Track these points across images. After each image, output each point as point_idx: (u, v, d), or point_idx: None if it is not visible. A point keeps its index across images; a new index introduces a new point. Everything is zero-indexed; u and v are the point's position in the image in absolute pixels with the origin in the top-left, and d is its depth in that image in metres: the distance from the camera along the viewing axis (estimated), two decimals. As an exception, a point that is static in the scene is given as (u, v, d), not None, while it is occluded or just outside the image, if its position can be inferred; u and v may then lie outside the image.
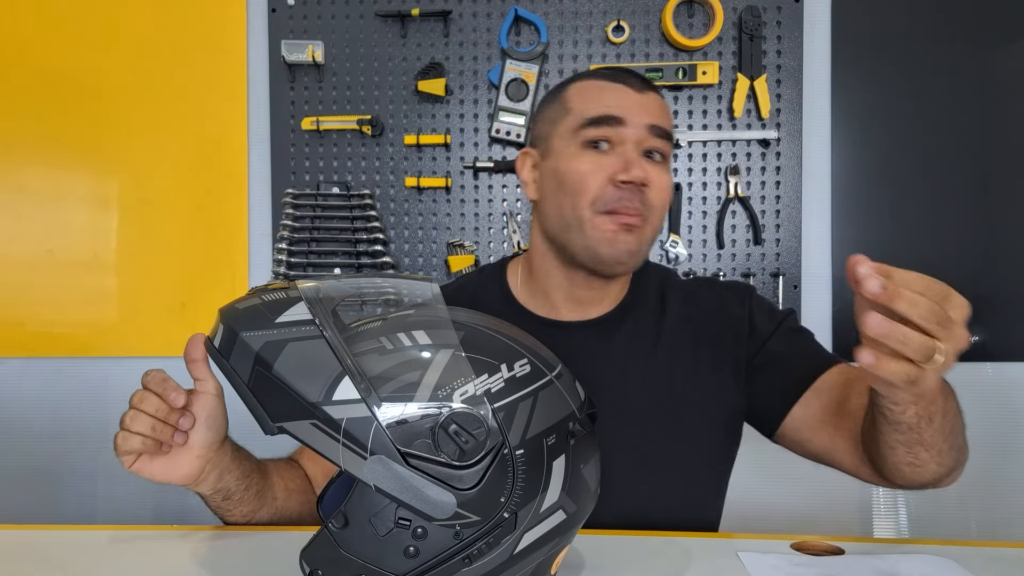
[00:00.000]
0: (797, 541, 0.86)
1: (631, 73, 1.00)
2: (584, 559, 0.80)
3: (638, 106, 0.95)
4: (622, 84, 0.97)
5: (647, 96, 0.97)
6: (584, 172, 0.94)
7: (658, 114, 0.97)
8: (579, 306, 1.03)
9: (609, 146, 0.95)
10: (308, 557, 0.65)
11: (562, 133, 0.98)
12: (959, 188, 1.71)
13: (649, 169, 0.95)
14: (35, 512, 1.81)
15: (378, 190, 1.75)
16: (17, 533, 0.92)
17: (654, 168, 0.96)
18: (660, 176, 0.96)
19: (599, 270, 0.98)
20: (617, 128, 0.94)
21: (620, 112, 0.95)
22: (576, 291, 1.02)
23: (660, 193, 0.96)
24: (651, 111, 0.96)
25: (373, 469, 0.59)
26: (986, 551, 0.86)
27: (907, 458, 0.81)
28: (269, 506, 0.95)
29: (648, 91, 0.98)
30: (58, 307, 1.79)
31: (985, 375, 1.71)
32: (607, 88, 0.97)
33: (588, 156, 0.95)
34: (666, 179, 0.97)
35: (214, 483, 0.87)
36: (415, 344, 0.63)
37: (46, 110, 1.78)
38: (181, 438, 0.83)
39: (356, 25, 1.74)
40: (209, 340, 0.66)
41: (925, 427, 0.77)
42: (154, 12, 1.77)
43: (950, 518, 1.72)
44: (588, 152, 0.95)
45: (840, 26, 1.71)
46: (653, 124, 0.95)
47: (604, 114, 0.95)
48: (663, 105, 0.99)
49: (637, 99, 0.96)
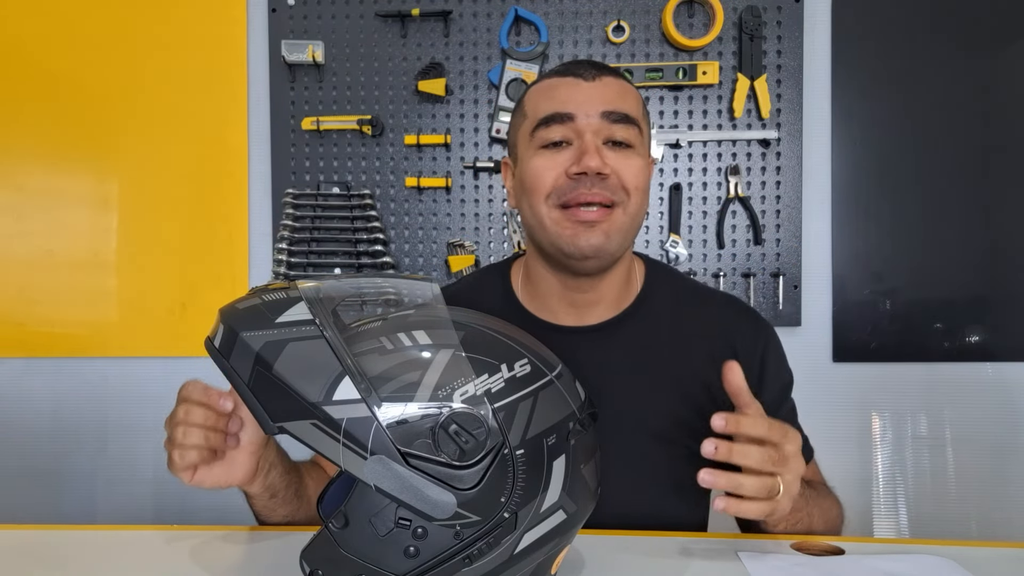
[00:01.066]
0: (797, 541, 0.86)
1: (584, 62, 0.96)
2: (584, 559, 0.80)
3: (589, 96, 0.92)
4: (572, 76, 0.94)
5: (600, 82, 0.93)
6: (539, 169, 0.93)
7: (613, 99, 0.93)
8: (576, 310, 1.01)
9: (567, 144, 0.93)
10: (308, 557, 0.65)
11: (523, 138, 0.97)
12: (959, 188, 1.71)
13: (610, 156, 0.92)
14: (35, 512, 1.81)
15: (378, 190, 1.75)
16: (17, 533, 0.92)
17: (617, 155, 0.93)
18: (625, 160, 0.92)
19: (570, 267, 0.96)
20: (569, 124, 0.92)
21: (569, 107, 0.92)
22: (569, 294, 1.01)
23: (630, 177, 0.92)
24: (605, 97, 0.93)
25: (373, 469, 0.59)
26: (986, 551, 0.86)
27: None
28: (305, 507, 0.96)
29: (603, 76, 0.94)
30: (58, 307, 1.79)
31: (985, 375, 1.71)
32: (557, 84, 0.95)
33: (545, 155, 0.94)
34: (634, 162, 0.93)
35: (263, 480, 0.88)
36: (415, 344, 0.63)
37: (46, 110, 1.78)
38: (234, 441, 0.83)
39: (356, 25, 1.74)
40: (209, 340, 0.66)
41: (801, 528, 0.91)
42: (154, 12, 1.77)
43: (950, 518, 1.72)
44: (545, 151, 0.94)
45: (840, 26, 1.71)
46: (607, 111, 0.92)
47: (552, 112, 0.93)
48: (622, 88, 0.95)
49: (588, 88, 0.93)
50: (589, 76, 0.94)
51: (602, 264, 0.96)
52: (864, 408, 1.74)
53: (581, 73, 0.94)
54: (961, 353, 1.70)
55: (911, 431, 1.74)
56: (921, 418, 1.73)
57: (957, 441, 1.73)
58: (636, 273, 1.06)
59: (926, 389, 1.72)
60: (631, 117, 0.93)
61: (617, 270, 1.01)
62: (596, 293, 1.01)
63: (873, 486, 1.74)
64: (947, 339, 1.70)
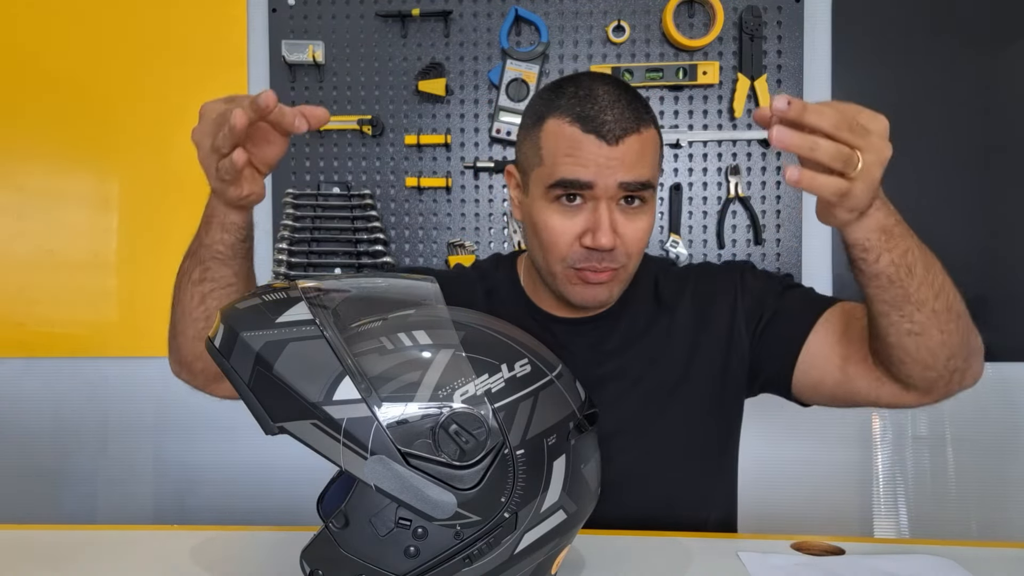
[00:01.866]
0: (797, 541, 0.86)
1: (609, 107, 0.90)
2: (584, 559, 0.80)
3: (610, 164, 0.89)
4: (595, 135, 0.89)
5: (624, 145, 0.90)
6: (554, 230, 0.93)
7: (634, 166, 0.90)
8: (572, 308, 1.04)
9: (581, 200, 0.92)
10: (308, 557, 0.65)
11: (536, 181, 0.95)
12: (959, 188, 1.71)
13: (621, 223, 0.92)
14: (35, 512, 1.81)
15: (378, 190, 1.74)
16: (17, 533, 0.92)
17: (627, 219, 0.93)
18: (633, 226, 0.93)
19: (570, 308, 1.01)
20: (586, 191, 0.91)
21: (589, 176, 0.90)
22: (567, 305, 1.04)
23: (633, 244, 0.94)
24: (626, 164, 0.90)
25: (373, 469, 0.59)
26: (986, 551, 0.86)
27: (905, 325, 0.81)
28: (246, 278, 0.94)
29: (626, 137, 0.90)
30: (58, 307, 1.79)
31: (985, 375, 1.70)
32: (579, 142, 0.90)
33: (558, 212, 0.93)
34: (641, 226, 0.94)
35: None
36: (415, 344, 0.63)
37: (46, 110, 1.78)
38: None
39: (356, 25, 1.74)
40: (210, 340, 0.66)
41: (906, 278, 0.79)
42: (155, 12, 1.77)
43: (950, 518, 1.72)
44: (558, 207, 0.93)
45: (840, 26, 1.71)
46: (625, 182, 0.90)
47: (572, 179, 0.90)
48: (643, 148, 0.91)
49: (610, 154, 0.89)
50: (612, 139, 0.89)
51: (602, 309, 1.02)
52: (864, 408, 1.73)
53: (605, 134, 0.89)
54: (961, 353, 1.70)
55: (911, 431, 1.74)
56: (921, 418, 1.73)
57: (957, 441, 1.73)
58: None
59: (926, 389, 1.72)
60: (647, 183, 0.93)
61: None
62: None
63: (873, 486, 1.74)
64: (947, 339, 1.70)
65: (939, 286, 0.81)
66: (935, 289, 0.81)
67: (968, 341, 0.86)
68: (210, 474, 1.77)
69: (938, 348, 0.83)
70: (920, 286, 0.80)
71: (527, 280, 1.09)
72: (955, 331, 0.83)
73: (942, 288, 0.82)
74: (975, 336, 0.87)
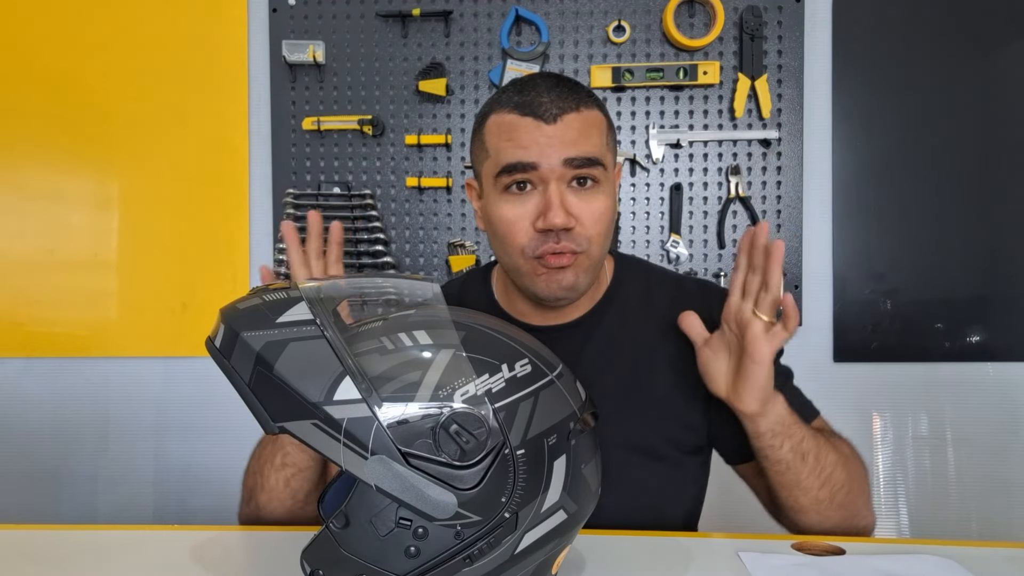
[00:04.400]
0: (798, 541, 0.86)
1: (544, 91, 0.91)
2: (584, 559, 0.80)
3: (551, 142, 0.89)
4: (532, 117, 0.90)
5: (562, 123, 0.90)
6: (508, 221, 0.93)
7: (576, 140, 0.90)
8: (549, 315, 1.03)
9: (531, 186, 0.92)
10: (309, 557, 0.65)
11: (486, 176, 0.96)
12: (960, 188, 1.71)
13: (574, 204, 0.91)
14: (35, 512, 1.81)
15: (379, 190, 1.74)
16: (17, 533, 0.92)
17: (581, 200, 0.92)
18: (588, 207, 0.92)
19: (542, 304, 1.00)
20: (531, 172, 0.90)
21: (531, 156, 0.90)
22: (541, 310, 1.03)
23: (592, 226, 0.92)
24: (567, 141, 0.90)
25: (374, 469, 0.59)
26: (986, 551, 0.86)
27: (790, 503, 0.94)
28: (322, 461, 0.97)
29: (564, 115, 0.90)
30: (58, 307, 1.79)
31: (986, 375, 1.71)
32: (517, 125, 0.91)
33: (509, 201, 0.93)
34: (597, 207, 0.92)
35: None
36: (416, 344, 0.63)
37: (46, 110, 1.78)
38: None
39: (357, 25, 1.74)
40: (210, 340, 0.66)
41: (800, 464, 0.91)
42: (155, 12, 1.77)
43: (950, 518, 1.72)
44: (509, 197, 0.93)
45: (841, 26, 1.71)
46: (569, 158, 0.90)
47: (515, 161, 0.90)
48: (584, 124, 0.91)
49: (550, 133, 0.90)
50: (550, 117, 0.90)
51: (570, 301, 1.00)
52: (865, 408, 1.74)
53: (542, 114, 0.90)
54: (962, 353, 1.70)
55: (912, 431, 1.74)
56: (922, 418, 1.73)
57: (958, 441, 1.73)
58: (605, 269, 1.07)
59: (927, 389, 1.72)
60: (593, 159, 0.92)
61: None
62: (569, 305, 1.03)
63: (874, 486, 1.73)
64: (948, 339, 1.70)
65: (826, 476, 0.92)
66: (821, 479, 0.92)
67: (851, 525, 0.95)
68: (210, 474, 1.76)
69: (815, 526, 0.94)
70: (810, 474, 0.92)
71: (501, 292, 1.08)
72: (832, 519, 0.94)
73: (828, 478, 0.93)
74: (862, 519, 0.97)
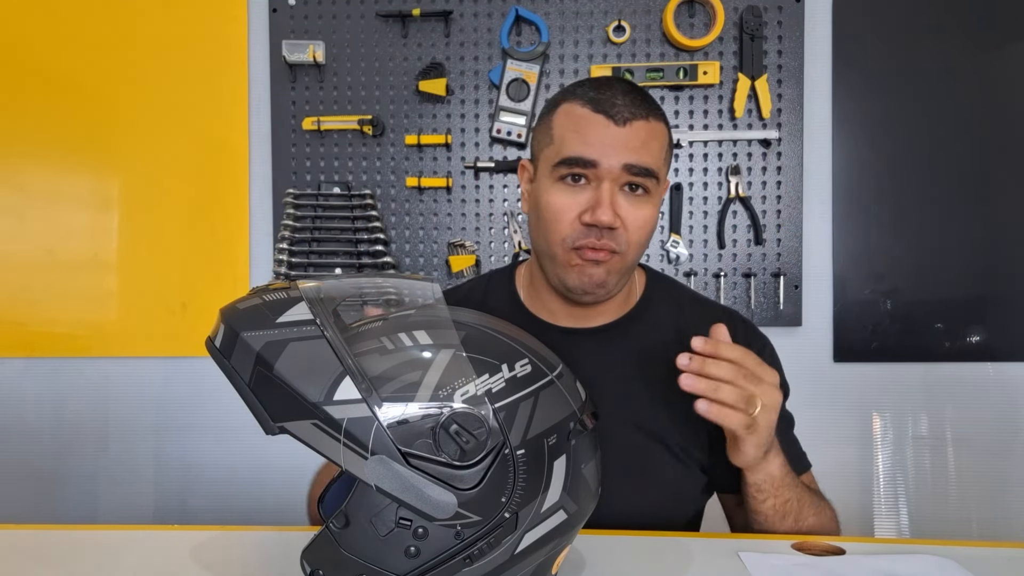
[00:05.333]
0: (798, 541, 0.86)
1: (621, 94, 0.94)
2: (584, 559, 0.80)
3: (616, 144, 0.92)
4: (604, 115, 0.93)
5: (630, 128, 0.93)
6: (556, 208, 0.95)
7: (639, 149, 0.93)
8: (577, 316, 1.04)
9: (586, 180, 0.94)
10: (309, 557, 0.65)
11: (544, 161, 0.98)
12: (960, 188, 1.71)
13: (623, 206, 0.93)
14: (35, 512, 1.81)
15: (379, 190, 1.74)
16: (17, 533, 0.92)
17: (630, 204, 0.94)
18: (635, 213, 0.94)
19: (569, 297, 1.00)
20: (590, 169, 0.93)
21: (594, 154, 0.92)
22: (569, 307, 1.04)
23: (634, 232, 0.95)
24: (631, 147, 0.92)
25: (374, 469, 0.59)
26: (986, 551, 0.86)
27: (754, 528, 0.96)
28: None
29: (634, 121, 0.93)
30: (58, 307, 1.79)
31: (986, 375, 1.71)
32: (588, 121, 0.94)
33: (562, 191, 0.95)
34: (643, 214, 0.95)
35: None
36: (416, 344, 0.63)
37: (46, 110, 1.78)
38: None
39: (357, 25, 1.74)
40: (210, 340, 0.66)
41: (779, 522, 0.93)
42: (155, 12, 1.77)
43: (951, 518, 1.72)
44: (563, 186, 0.95)
45: (841, 26, 1.71)
46: (629, 164, 0.92)
47: (577, 156, 0.93)
48: (649, 135, 0.94)
49: (616, 135, 0.92)
50: (620, 120, 0.93)
51: (596, 299, 1.01)
52: (865, 408, 1.74)
53: (614, 115, 0.93)
54: (962, 353, 1.70)
55: (912, 431, 1.74)
56: (922, 418, 1.73)
57: (958, 441, 1.73)
58: (636, 282, 1.09)
59: (927, 389, 1.72)
60: (650, 170, 0.94)
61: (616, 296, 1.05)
62: (596, 309, 1.05)
63: (874, 486, 1.74)
64: (948, 339, 1.70)
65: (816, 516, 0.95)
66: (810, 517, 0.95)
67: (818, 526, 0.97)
68: (210, 474, 1.77)
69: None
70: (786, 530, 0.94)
71: (526, 292, 1.09)
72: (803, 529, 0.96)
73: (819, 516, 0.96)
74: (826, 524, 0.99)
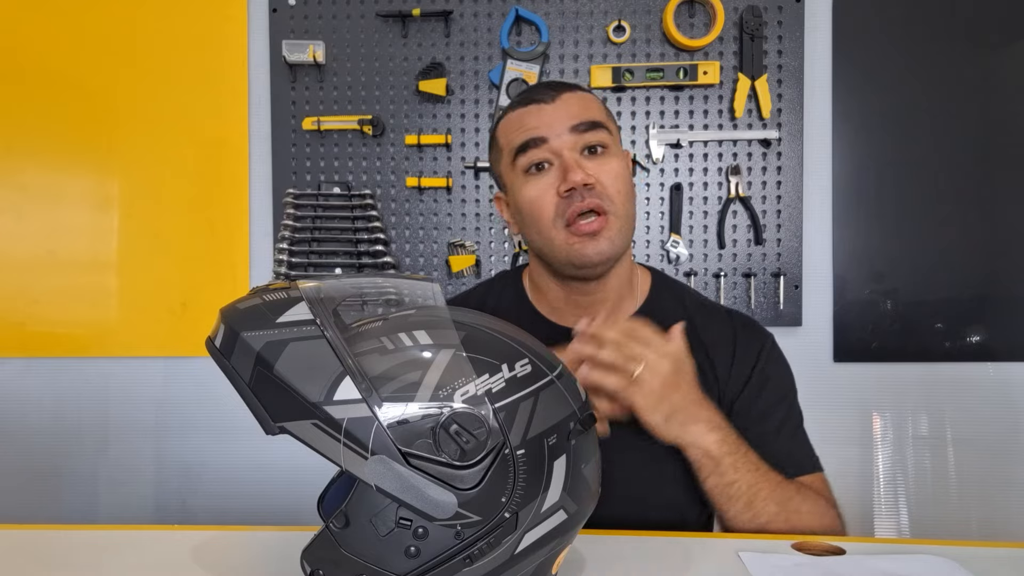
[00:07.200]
0: (798, 541, 0.86)
1: (540, 85, 1.03)
2: (585, 559, 0.80)
3: (554, 116, 0.99)
4: (533, 103, 1.00)
5: (560, 100, 1.00)
6: (534, 198, 0.99)
7: (577, 111, 0.99)
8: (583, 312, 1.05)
9: (549, 165, 0.99)
10: (309, 557, 0.65)
11: (506, 170, 1.04)
12: (960, 188, 1.71)
13: (589, 166, 0.98)
14: (35, 512, 1.81)
15: (379, 190, 1.74)
16: (17, 533, 0.92)
17: (595, 161, 0.98)
18: (604, 167, 0.98)
19: (581, 275, 1.03)
20: (544, 147, 0.98)
21: (539, 131, 0.98)
22: (575, 297, 1.06)
23: (611, 184, 0.98)
24: (569, 112, 0.99)
25: (374, 469, 0.59)
26: (986, 551, 0.86)
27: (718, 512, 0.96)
28: None
29: (562, 93, 1.00)
30: (58, 307, 1.79)
31: (986, 375, 1.71)
32: (522, 114, 1.01)
33: (532, 181, 1.00)
34: (612, 165, 0.99)
35: None
36: (416, 344, 0.63)
37: (46, 110, 1.78)
38: None
39: (357, 25, 1.74)
40: (210, 340, 0.66)
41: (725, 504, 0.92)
42: (155, 12, 1.77)
43: (951, 518, 1.72)
44: (531, 178, 1.00)
45: (841, 26, 1.71)
46: (574, 124, 0.98)
47: (525, 139, 0.99)
48: (581, 100, 1.01)
49: (551, 110, 0.99)
50: (548, 98, 1.00)
51: (608, 267, 1.03)
52: (865, 408, 1.74)
53: (540, 98, 1.00)
54: (962, 353, 1.70)
55: (912, 431, 1.74)
56: (922, 418, 1.73)
57: (958, 441, 1.73)
58: (639, 280, 1.11)
59: (927, 389, 1.72)
60: (598, 123, 0.99)
61: (618, 270, 1.06)
62: (601, 293, 1.06)
63: (874, 486, 1.74)
64: (948, 339, 1.70)
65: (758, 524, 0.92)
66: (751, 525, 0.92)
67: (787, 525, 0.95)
68: (210, 474, 1.77)
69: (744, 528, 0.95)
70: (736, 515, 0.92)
71: (533, 293, 1.12)
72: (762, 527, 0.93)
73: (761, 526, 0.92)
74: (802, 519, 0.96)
